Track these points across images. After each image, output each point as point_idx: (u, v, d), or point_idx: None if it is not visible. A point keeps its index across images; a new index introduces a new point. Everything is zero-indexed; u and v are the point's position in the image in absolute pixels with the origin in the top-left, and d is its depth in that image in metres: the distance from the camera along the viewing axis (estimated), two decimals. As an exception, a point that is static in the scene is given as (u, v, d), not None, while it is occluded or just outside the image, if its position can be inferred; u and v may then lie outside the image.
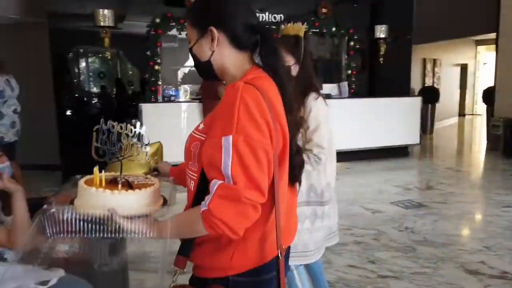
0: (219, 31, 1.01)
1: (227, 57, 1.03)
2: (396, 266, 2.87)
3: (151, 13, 5.72)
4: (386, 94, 6.77)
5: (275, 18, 6.49)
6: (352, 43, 6.91)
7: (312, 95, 1.78)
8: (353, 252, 3.11)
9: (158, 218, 0.99)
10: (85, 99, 6.23)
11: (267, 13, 6.44)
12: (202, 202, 0.91)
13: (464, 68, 12.68)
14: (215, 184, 0.90)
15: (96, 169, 1.04)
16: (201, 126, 1.04)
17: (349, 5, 6.90)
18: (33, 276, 1.32)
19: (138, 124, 1.04)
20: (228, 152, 0.88)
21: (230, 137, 0.89)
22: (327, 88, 6.60)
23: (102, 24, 4.96)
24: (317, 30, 6.57)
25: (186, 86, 6.17)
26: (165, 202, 1.08)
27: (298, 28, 1.77)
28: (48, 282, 1.46)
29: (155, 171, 1.35)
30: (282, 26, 1.84)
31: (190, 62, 7.98)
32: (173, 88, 5.83)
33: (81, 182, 1.04)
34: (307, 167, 1.72)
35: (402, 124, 6.63)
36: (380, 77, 7.21)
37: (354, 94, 6.88)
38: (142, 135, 1.06)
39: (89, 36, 5.65)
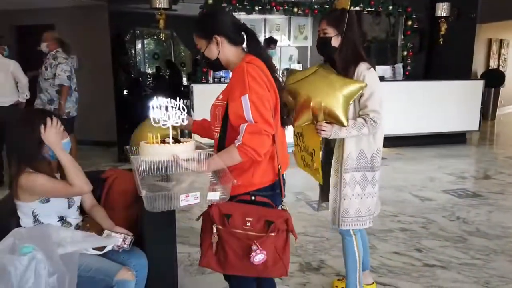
0: (220, 36, 1.51)
1: (228, 52, 1.53)
2: (444, 255, 2.79)
3: (204, -6, 5.80)
4: (445, 77, 6.41)
5: (328, -4, 6.32)
6: (409, 23, 6.57)
7: (364, 65, 1.88)
8: (398, 239, 3.05)
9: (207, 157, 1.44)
10: (140, 79, 6.50)
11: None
12: (235, 141, 1.40)
13: (535, 49, 11.62)
14: (243, 126, 1.39)
15: (149, 134, 1.45)
16: (220, 96, 1.55)
17: (409, -18, 6.53)
18: (90, 241, 1.45)
19: (178, 98, 1.46)
20: (247, 105, 1.38)
21: (247, 95, 1.38)
22: (381, 70, 6.35)
23: (157, 5, 5.11)
24: (373, 9, 6.31)
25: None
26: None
27: (345, 2, 1.87)
28: (104, 248, 1.60)
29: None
30: (336, 2, 1.96)
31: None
32: (223, 70, 5.91)
33: (142, 143, 1.45)
34: (364, 130, 1.86)
35: (461, 109, 6.26)
36: (439, 59, 6.81)
37: (410, 76, 6.58)
38: (182, 107, 1.46)
39: (146, 18, 5.84)
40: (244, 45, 1.57)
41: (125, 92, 6.21)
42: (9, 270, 1.11)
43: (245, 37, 1.55)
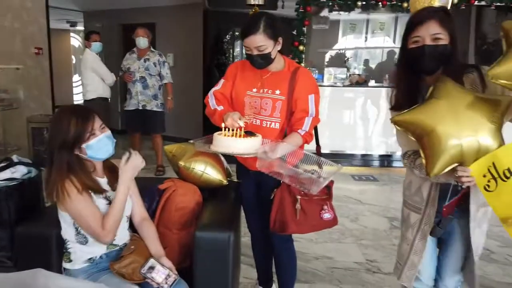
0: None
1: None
2: None
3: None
4: None
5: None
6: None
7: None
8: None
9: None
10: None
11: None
12: (299, 130, 1.73)
13: None
14: (309, 119, 1.75)
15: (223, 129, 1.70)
16: (277, 91, 1.77)
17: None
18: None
19: None
20: (312, 101, 1.77)
21: (313, 94, 1.78)
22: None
23: (252, 2, 4.89)
24: (503, 4, 5.27)
25: (331, 69, 5.72)
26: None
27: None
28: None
29: None
30: None
31: (339, 45, 7.50)
32: (316, 71, 5.44)
33: (215, 134, 1.73)
34: None
35: None
36: None
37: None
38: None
39: (243, 18, 5.68)
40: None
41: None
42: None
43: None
